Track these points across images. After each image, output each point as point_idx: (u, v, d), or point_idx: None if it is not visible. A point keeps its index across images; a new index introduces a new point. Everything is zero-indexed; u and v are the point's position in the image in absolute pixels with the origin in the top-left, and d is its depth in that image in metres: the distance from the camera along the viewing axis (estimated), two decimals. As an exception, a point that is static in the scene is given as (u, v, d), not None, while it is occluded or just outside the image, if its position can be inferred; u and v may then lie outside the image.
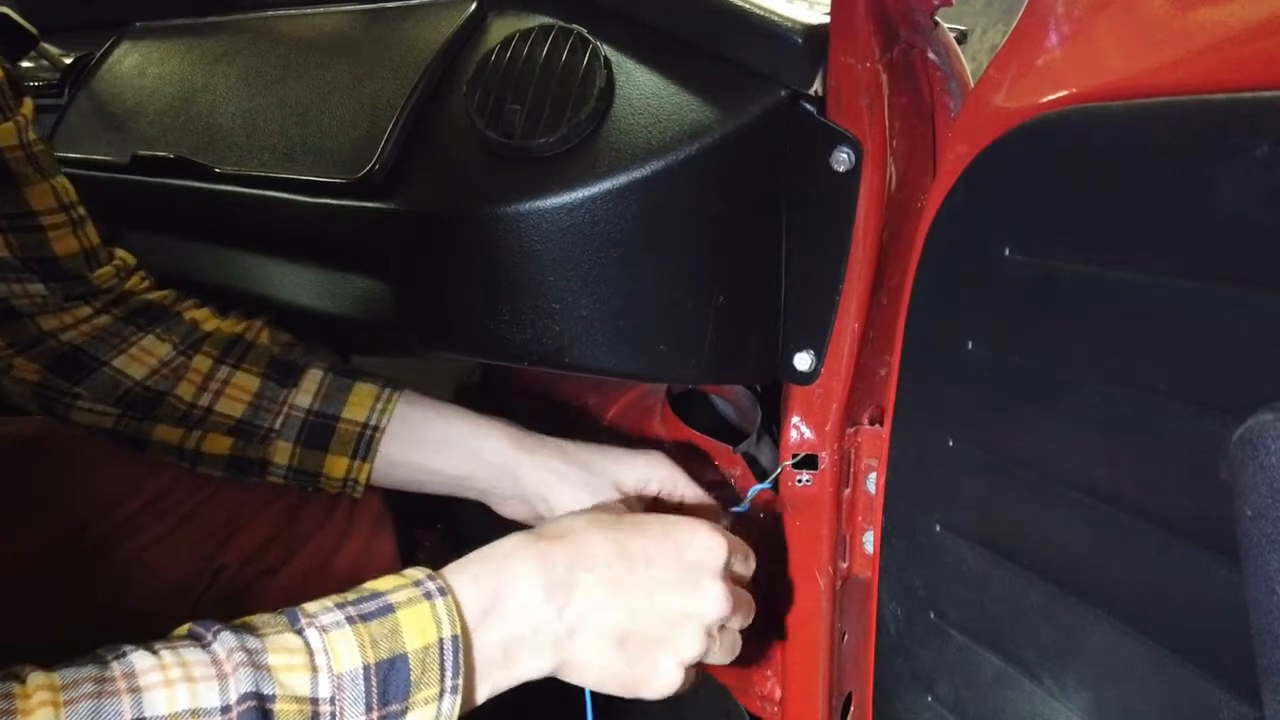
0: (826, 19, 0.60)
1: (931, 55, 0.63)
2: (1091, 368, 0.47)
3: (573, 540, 0.53)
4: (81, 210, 0.69)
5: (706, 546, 0.55)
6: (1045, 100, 0.48)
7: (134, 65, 1.01)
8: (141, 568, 0.69)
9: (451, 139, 0.70)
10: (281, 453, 0.67)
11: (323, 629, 0.45)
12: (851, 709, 0.74)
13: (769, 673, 0.78)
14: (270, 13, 0.95)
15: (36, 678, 0.40)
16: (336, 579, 0.76)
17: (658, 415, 0.90)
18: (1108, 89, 0.46)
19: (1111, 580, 0.48)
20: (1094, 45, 0.48)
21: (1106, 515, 0.48)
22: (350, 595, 0.47)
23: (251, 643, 0.43)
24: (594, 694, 0.57)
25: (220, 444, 0.67)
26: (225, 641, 0.43)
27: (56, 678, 0.40)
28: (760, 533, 0.77)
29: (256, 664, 0.42)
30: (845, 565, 0.71)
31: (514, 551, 0.52)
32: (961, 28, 0.74)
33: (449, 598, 0.48)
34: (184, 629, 0.45)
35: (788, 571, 0.72)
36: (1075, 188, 0.47)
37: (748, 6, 0.63)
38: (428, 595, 0.47)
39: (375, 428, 0.67)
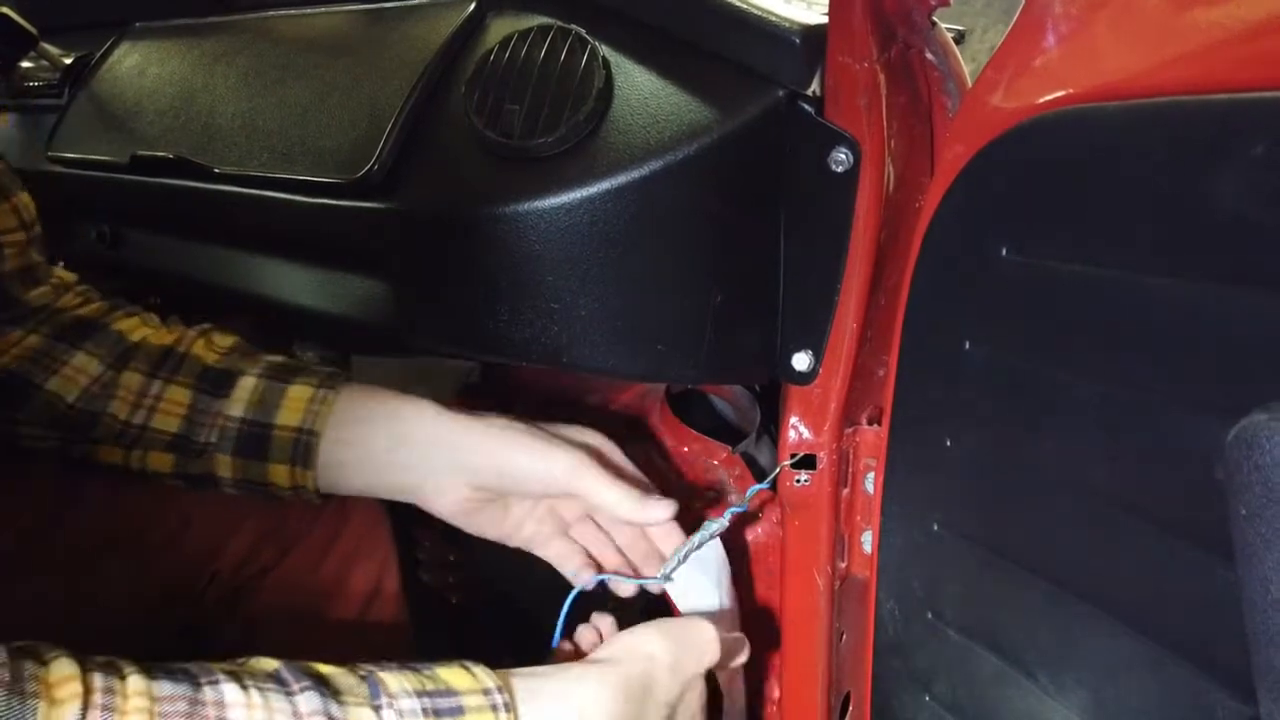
0: (824, 19, 0.60)
1: (929, 55, 0.63)
2: (1088, 368, 0.48)
3: (642, 694, 0.53)
4: (38, 228, 0.67)
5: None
6: (1042, 100, 0.48)
7: (134, 65, 1.01)
8: (139, 570, 0.69)
9: (450, 139, 0.70)
10: (223, 466, 0.65)
11: (400, 713, 0.46)
12: (850, 708, 0.74)
13: (768, 672, 0.78)
14: (270, 13, 0.95)
15: (135, 682, 0.41)
16: (328, 578, 0.76)
17: (656, 415, 0.90)
18: (1105, 89, 0.46)
19: (1108, 579, 0.48)
20: (1091, 46, 0.48)
21: (1103, 515, 0.48)
22: (426, 683, 0.48)
23: (335, 710, 0.45)
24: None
25: (162, 461, 0.66)
26: (310, 700, 0.44)
27: (154, 688, 0.42)
28: (758, 532, 0.77)
29: None
30: (843, 565, 0.71)
31: (591, 704, 0.51)
32: (959, 28, 0.75)
33: (512, 713, 0.49)
34: (269, 665, 0.47)
35: (786, 571, 0.72)
36: (1072, 188, 0.47)
37: (746, 6, 0.63)
38: (494, 708, 0.48)
39: (311, 432, 0.64)
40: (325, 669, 0.47)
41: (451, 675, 0.49)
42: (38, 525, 0.68)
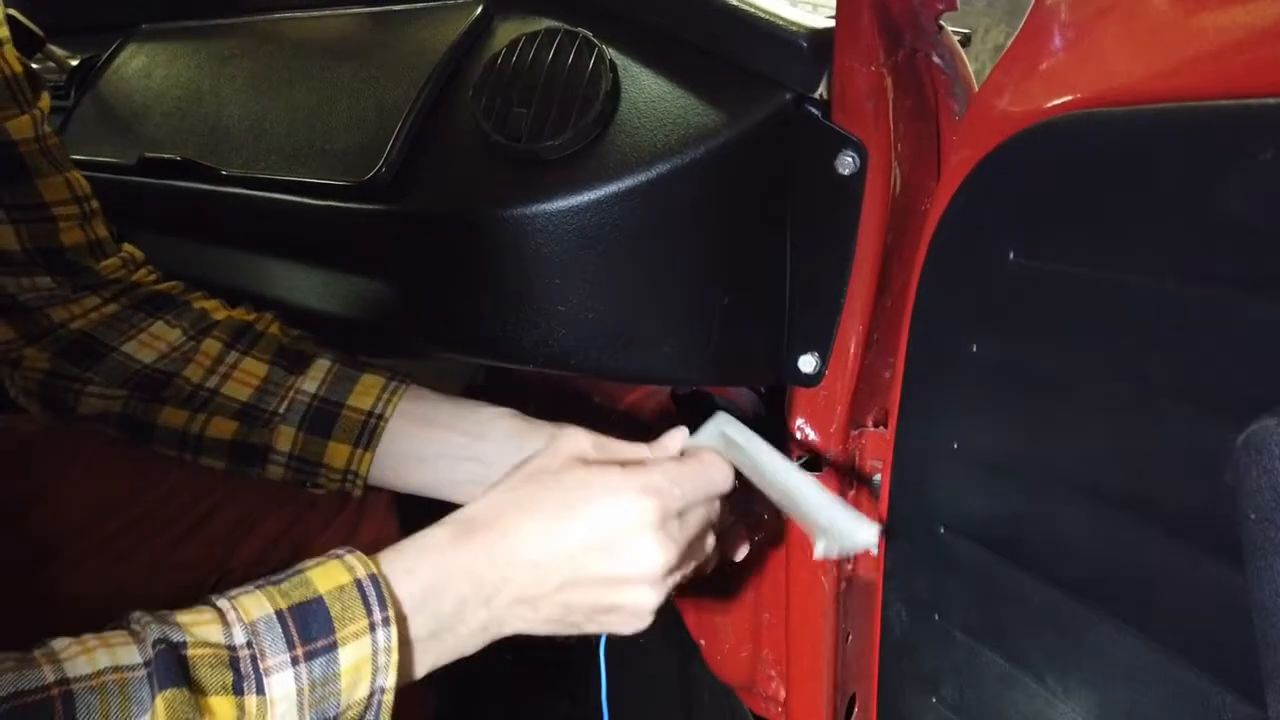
0: (831, 23, 0.60)
1: (936, 59, 0.63)
2: (1095, 371, 0.48)
3: (502, 534, 0.52)
4: (94, 204, 0.69)
5: (630, 510, 0.53)
6: (1050, 105, 0.48)
7: (141, 67, 1.01)
8: (152, 567, 0.70)
9: (458, 142, 0.70)
10: (284, 438, 0.67)
11: (232, 597, 0.47)
12: (855, 709, 0.74)
13: (773, 673, 0.79)
14: (277, 15, 0.95)
15: None
16: None
17: (662, 416, 0.90)
18: (1112, 94, 0.46)
19: (1116, 582, 0.48)
20: (1098, 50, 0.48)
21: (1110, 517, 0.48)
22: (266, 576, 0.49)
23: (162, 612, 0.45)
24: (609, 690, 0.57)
25: (225, 428, 0.67)
26: (136, 617, 0.45)
27: None
28: (765, 534, 0.77)
29: (164, 622, 0.44)
30: (850, 567, 0.71)
31: (447, 551, 0.52)
32: (966, 30, 0.75)
33: (357, 553, 0.50)
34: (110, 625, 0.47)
35: (792, 572, 0.72)
36: (1079, 192, 0.47)
37: (753, 10, 0.63)
38: (336, 555, 0.50)
39: (380, 416, 0.67)
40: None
41: (302, 564, 0.50)
42: (60, 525, 0.68)
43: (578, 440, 0.57)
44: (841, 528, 0.56)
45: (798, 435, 0.68)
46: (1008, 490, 0.55)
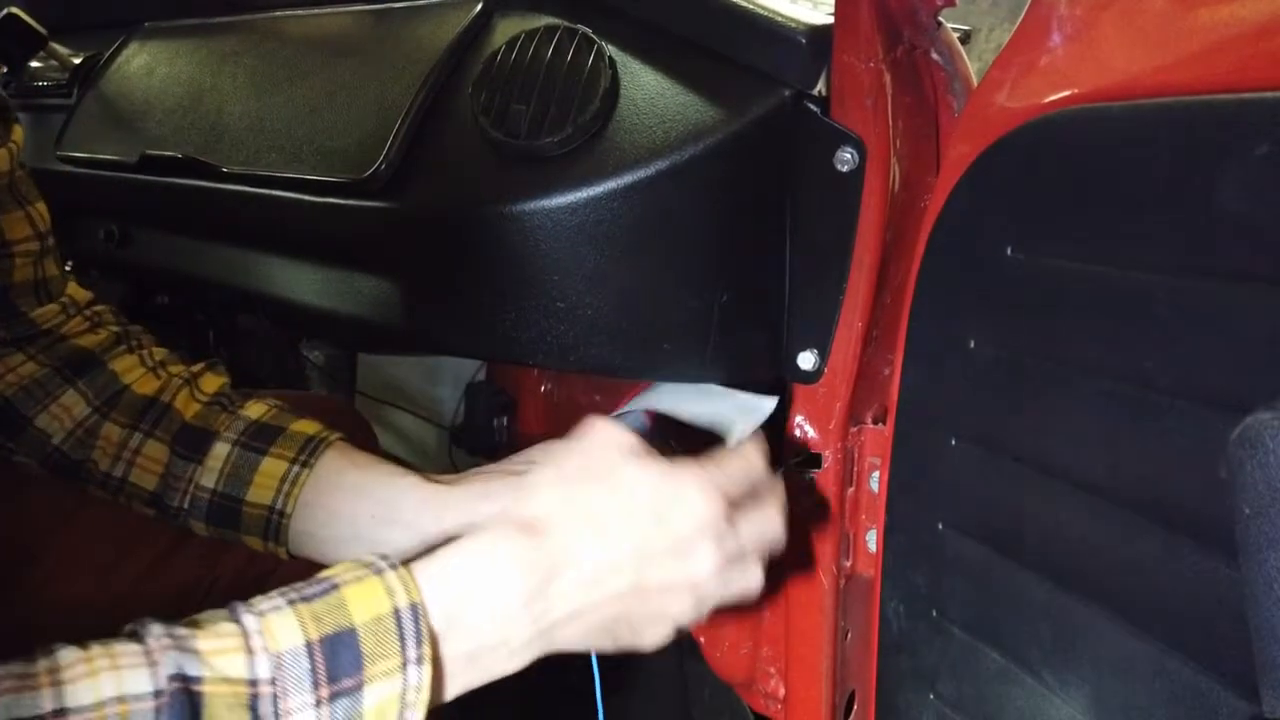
0: (830, 19, 0.60)
1: (935, 55, 0.63)
2: (1093, 366, 0.48)
3: (551, 533, 0.48)
4: (51, 240, 0.66)
5: (694, 509, 0.50)
6: (1048, 100, 0.48)
7: (142, 65, 1.01)
8: (141, 581, 0.69)
9: (457, 139, 0.70)
10: (198, 528, 0.64)
11: (260, 614, 0.43)
12: (854, 706, 0.74)
13: (773, 670, 0.79)
14: (278, 13, 0.95)
15: None
16: None
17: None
18: (1110, 89, 0.46)
19: (1112, 577, 0.48)
20: (1096, 46, 0.48)
21: (1107, 513, 0.48)
22: (299, 584, 0.45)
23: (180, 631, 0.41)
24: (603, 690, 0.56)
25: (146, 511, 0.66)
26: (154, 632, 0.41)
27: None
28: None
29: (182, 648, 0.40)
30: (848, 564, 0.71)
31: (490, 553, 0.47)
32: (965, 28, 0.75)
33: (400, 570, 0.45)
34: (126, 628, 0.43)
35: (791, 570, 0.72)
36: (1077, 187, 0.47)
37: (752, 7, 0.63)
38: (377, 571, 0.45)
39: (281, 513, 0.62)
40: (193, 616, 0.44)
41: (330, 570, 0.46)
42: (41, 536, 0.68)
43: (610, 436, 0.51)
44: (743, 406, 0.60)
45: (797, 432, 0.68)
46: (1006, 486, 0.55)
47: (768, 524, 0.53)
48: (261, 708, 0.40)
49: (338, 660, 0.42)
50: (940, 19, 0.62)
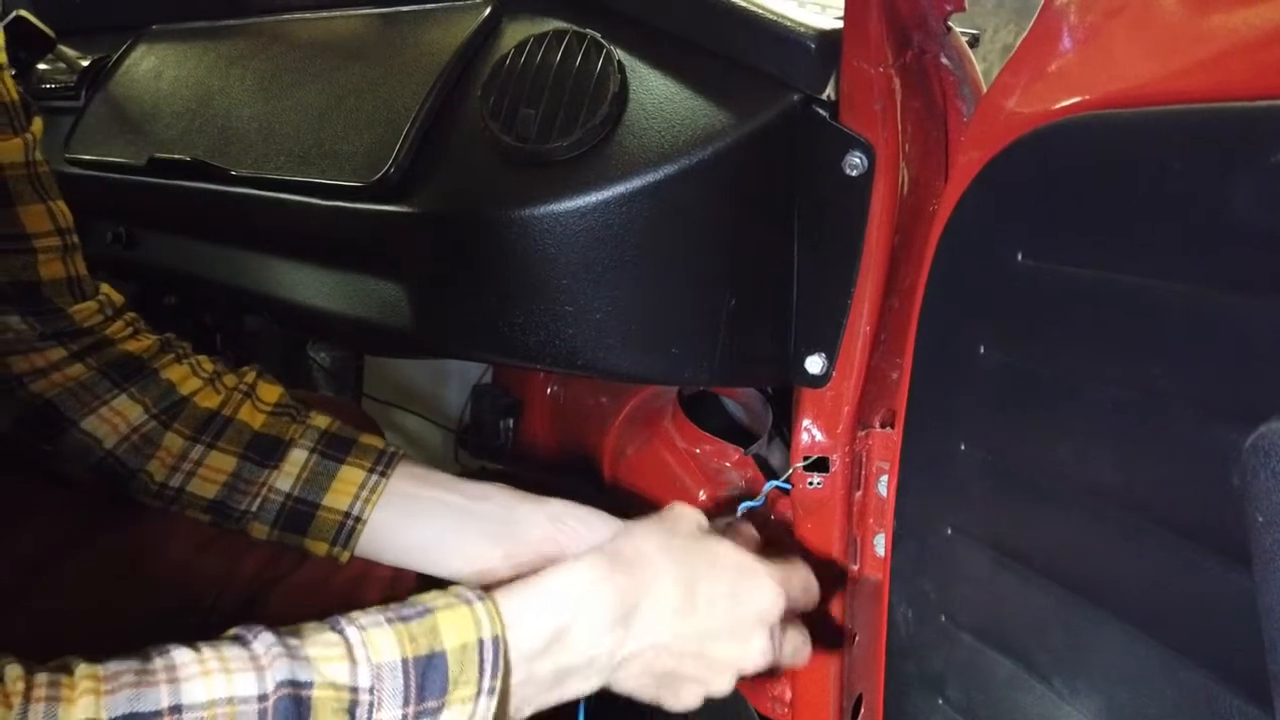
0: (839, 24, 0.60)
1: (944, 60, 0.63)
2: (1103, 373, 0.48)
3: (645, 573, 0.54)
4: (75, 238, 0.66)
5: (763, 602, 0.56)
6: (1058, 106, 0.48)
7: (150, 68, 1.02)
8: (157, 586, 0.69)
9: (466, 143, 0.70)
10: (259, 531, 0.65)
11: (361, 627, 0.46)
12: (862, 711, 0.74)
13: (780, 674, 0.79)
14: (286, 16, 0.95)
15: (83, 669, 0.42)
16: (344, 584, 0.76)
17: (668, 416, 0.90)
18: (1121, 95, 0.46)
19: (1122, 584, 0.48)
20: (1107, 51, 0.48)
21: (1117, 519, 0.48)
22: (393, 605, 0.49)
23: (290, 640, 0.45)
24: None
25: (199, 518, 0.66)
26: (264, 640, 0.44)
27: (100, 669, 0.42)
28: (771, 535, 0.77)
29: (294, 655, 0.44)
30: (856, 567, 0.71)
31: (590, 585, 0.52)
32: (974, 31, 0.75)
33: (487, 602, 0.49)
34: (230, 632, 0.46)
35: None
36: (1087, 194, 0.47)
37: (761, 11, 0.63)
38: (467, 601, 0.49)
39: (357, 519, 0.64)
40: (290, 626, 0.47)
41: (423, 595, 0.50)
42: (60, 543, 0.68)
43: (693, 513, 0.60)
44: None
45: (805, 435, 0.68)
46: (1015, 492, 0.55)
47: (803, 643, 0.62)
48: (359, 714, 0.44)
49: (427, 682, 0.45)
50: (950, 24, 0.62)
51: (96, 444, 0.64)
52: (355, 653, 0.45)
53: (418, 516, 0.65)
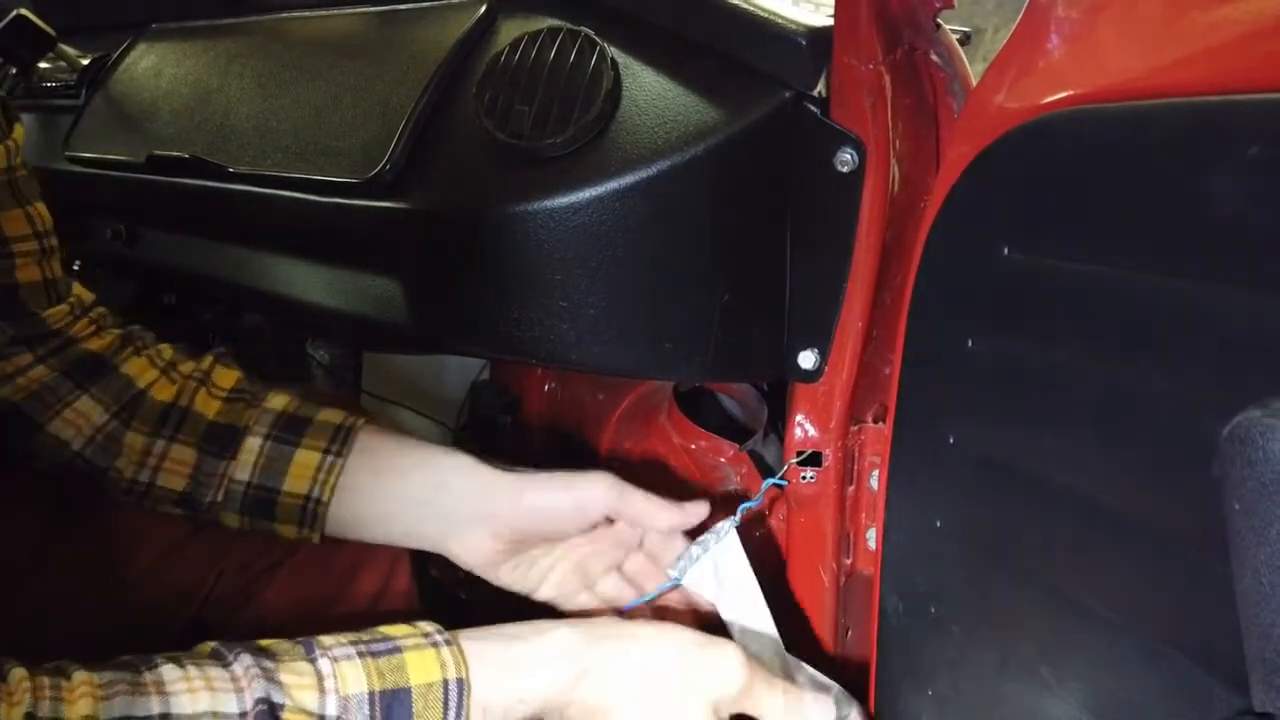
0: (830, 21, 0.60)
1: (934, 56, 0.64)
2: (1089, 366, 0.48)
3: (600, 645, 0.55)
4: (53, 241, 0.66)
5: (714, 689, 0.56)
6: (1045, 101, 0.49)
7: (150, 66, 1.02)
8: (147, 577, 0.70)
9: (461, 140, 0.71)
10: (231, 520, 0.66)
11: (334, 659, 0.49)
12: (855, 703, 0.75)
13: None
14: (283, 15, 0.96)
15: (79, 675, 0.45)
16: (338, 574, 0.76)
17: (664, 412, 0.90)
18: (1107, 90, 0.46)
19: (1108, 575, 0.49)
20: (1094, 46, 0.49)
21: (1103, 511, 0.48)
22: (364, 635, 0.51)
23: (267, 663, 0.48)
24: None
25: (172, 511, 0.67)
26: (243, 661, 0.47)
27: (95, 677, 0.45)
28: (764, 530, 0.78)
29: (270, 679, 0.47)
30: (849, 562, 0.71)
31: (544, 639, 0.54)
32: (966, 29, 0.75)
33: (454, 648, 0.51)
34: (207, 647, 0.49)
35: (792, 568, 0.73)
36: (1074, 187, 0.48)
37: (752, 9, 0.64)
38: (434, 644, 0.51)
39: (318, 501, 0.65)
40: (265, 641, 0.50)
41: (391, 628, 0.52)
42: (46, 536, 0.68)
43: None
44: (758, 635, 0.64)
45: (798, 430, 0.69)
46: (1003, 485, 0.55)
47: None
48: None
49: (391, 714, 0.48)
50: (940, 21, 0.63)
51: (64, 446, 0.65)
52: (325, 683, 0.48)
53: (377, 493, 0.65)
